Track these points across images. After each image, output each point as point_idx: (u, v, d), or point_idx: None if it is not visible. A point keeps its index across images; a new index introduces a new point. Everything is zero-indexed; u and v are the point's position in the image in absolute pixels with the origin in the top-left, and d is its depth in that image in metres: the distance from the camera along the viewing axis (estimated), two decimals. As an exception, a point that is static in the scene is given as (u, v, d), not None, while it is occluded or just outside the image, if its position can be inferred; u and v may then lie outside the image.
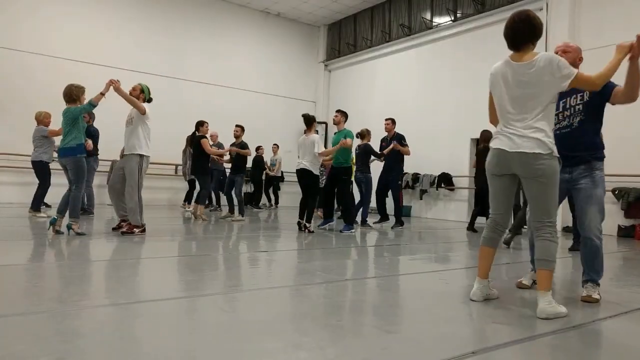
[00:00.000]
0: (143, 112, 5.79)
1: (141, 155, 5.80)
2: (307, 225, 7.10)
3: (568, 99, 3.34)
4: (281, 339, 2.19)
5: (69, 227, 5.55)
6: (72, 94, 5.68)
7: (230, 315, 2.58)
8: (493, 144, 3.00)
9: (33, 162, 7.90)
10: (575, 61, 3.25)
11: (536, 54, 2.89)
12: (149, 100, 6.08)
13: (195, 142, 8.54)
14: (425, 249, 6.10)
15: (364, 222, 8.44)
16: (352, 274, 4.04)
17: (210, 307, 2.75)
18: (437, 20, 12.53)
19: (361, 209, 8.60)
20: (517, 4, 10.51)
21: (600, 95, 3.22)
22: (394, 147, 8.36)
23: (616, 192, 8.53)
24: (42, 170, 7.87)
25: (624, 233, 8.40)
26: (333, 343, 2.16)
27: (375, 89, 14.18)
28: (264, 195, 13.58)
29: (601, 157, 3.29)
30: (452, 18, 12.06)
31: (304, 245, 5.90)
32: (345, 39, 15.36)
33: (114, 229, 6.05)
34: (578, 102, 3.32)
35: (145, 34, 12.76)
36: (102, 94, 5.61)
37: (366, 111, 13.36)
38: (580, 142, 3.23)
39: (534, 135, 2.79)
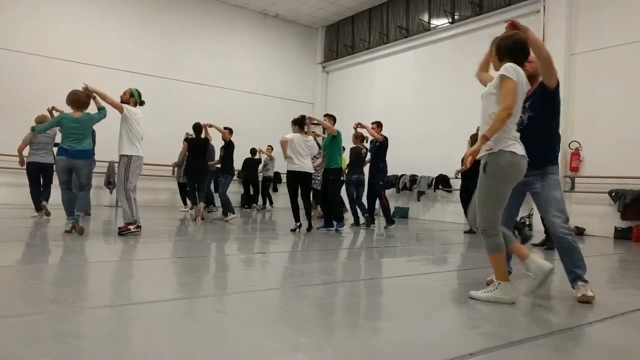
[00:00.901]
0: (121, 110, 5.93)
1: (128, 156, 5.91)
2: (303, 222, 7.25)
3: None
4: (279, 340, 2.19)
5: (75, 221, 5.64)
6: (81, 99, 5.96)
7: (228, 317, 2.59)
8: (515, 149, 2.94)
9: (49, 165, 7.88)
10: (536, 71, 3.36)
11: None
12: (141, 103, 6.24)
13: (202, 144, 8.55)
14: (423, 250, 6.11)
15: (357, 223, 8.57)
16: (350, 276, 4.04)
17: (208, 309, 2.75)
18: (435, 22, 12.56)
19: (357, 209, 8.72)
20: (514, 6, 10.56)
21: (540, 85, 3.37)
22: (361, 125, 8.34)
23: (613, 194, 8.55)
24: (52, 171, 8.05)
25: (621, 235, 8.42)
26: (331, 344, 2.17)
27: (373, 90, 14.20)
28: (260, 196, 13.64)
29: (554, 161, 3.38)
30: (450, 20, 12.09)
31: (301, 246, 5.91)
32: (343, 40, 15.37)
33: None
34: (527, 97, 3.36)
35: (144, 35, 12.75)
36: (93, 98, 6.00)
37: (364, 113, 13.33)
38: (532, 145, 3.14)
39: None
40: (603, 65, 9.08)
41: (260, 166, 13.42)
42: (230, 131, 9.18)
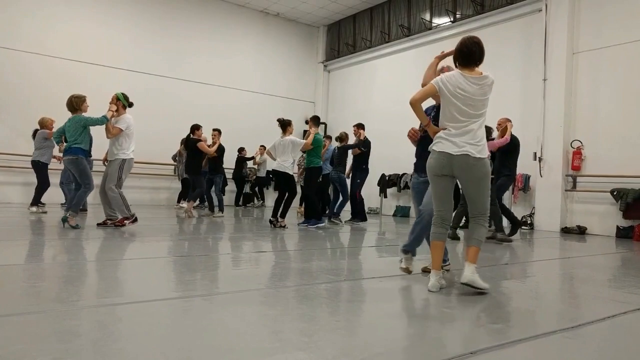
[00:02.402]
0: (120, 131, 6.31)
1: (124, 160, 6.36)
2: (280, 220, 7.43)
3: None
4: (279, 339, 2.19)
5: (64, 220, 6.02)
6: (73, 104, 6.31)
7: (228, 315, 2.58)
8: (437, 147, 3.33)
9: (35, 162, 8.25)
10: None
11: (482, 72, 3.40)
12: (130, 105, 6.50)
13: (190, 144, 8.93)
14: (425, 249, 6.09)
15: (335, 215, 8.77)
16: (351, 274, 4.03)
17: (207, 307, 2.75)
18: (437, 21, 12.54)
19: (337, 204, 8.98)
20: (516, 5, 10.53)
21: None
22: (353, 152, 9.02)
23: (615, 193, 8.53)
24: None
25: (623, 234, 8.40)
26: (332, 343, 2.16)
27: (374, 89, 14.18)
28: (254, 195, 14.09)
29: None
30: (452, 19, 12.07)
31: (300, 245, 5.90)
32: (344, 39, 15.35)
33: (98, 224, 6.46)
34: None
35: (144, 33, 12.74)
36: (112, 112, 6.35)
37: (365, 111, 13.36)
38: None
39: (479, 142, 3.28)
40: (605, 64, 9.05)
41: (253, 165, 13.60)
42: (219, 132, 9.69)
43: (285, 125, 7.67)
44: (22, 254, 4.37)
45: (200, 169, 9.12)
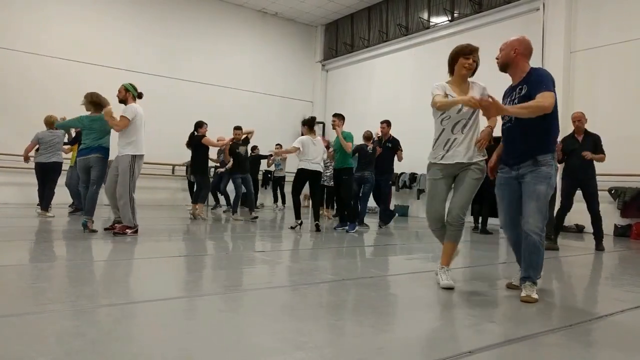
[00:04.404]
0: (127, 124, 5.74)
1: (134, 156, 5.77)
2: (316, 222, 7.34)
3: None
4: (279, 338, 2.20)
5: (84, 225, 5.82)
6: (102, 101, 6.09)
7: (227, 315, 2.59)
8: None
9: (52, 164, 7.99)
10: (510, 54, 3.57)
11: None
12: (139, 96, 6.04)
13: (195, 142, 8.62)
14: (422, 248, 6.12)
15: (361, 222, 8.43)
16: (349, 274, 4.04)
17: (207, 308, 2.75)
18: (434, 20, 12.55)
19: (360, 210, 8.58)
20: (514, 4, 10.55)
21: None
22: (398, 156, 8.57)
23: (612, 192, 8.56)
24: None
25: (620, 232, 8.43)
26: (330, 343, 2.17)
27: (372, 88, 14.19)
28: (263, 195, 13.73)
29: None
30: (449, 18, 12.08)
31: (301, 245, 5.91)
32: (342, 38, 15.36)
33: (106, 229, 6.02)
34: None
35: (142, 33, 12.73)
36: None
37: (363, 111, 13.36)
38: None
39: None
40: (602, 62, 9.08)
41: (273, 166, 13.33)
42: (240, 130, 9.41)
43: (313, 123, 7.55)
44: (21, 255, 4.37)
45: (206, 169, 8.87)
